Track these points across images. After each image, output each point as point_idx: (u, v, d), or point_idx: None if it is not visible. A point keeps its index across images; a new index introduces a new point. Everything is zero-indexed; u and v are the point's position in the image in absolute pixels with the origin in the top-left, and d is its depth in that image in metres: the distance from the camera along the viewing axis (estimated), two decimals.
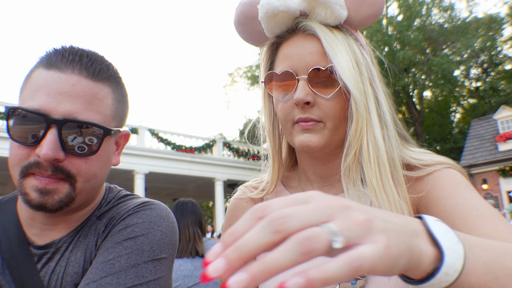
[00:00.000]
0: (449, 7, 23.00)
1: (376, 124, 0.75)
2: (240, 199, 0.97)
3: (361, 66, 0.77)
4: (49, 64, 0.76)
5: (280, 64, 0.81)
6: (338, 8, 0.76)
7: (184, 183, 18.27)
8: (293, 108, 0.78)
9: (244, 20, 0.85)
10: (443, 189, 0.72)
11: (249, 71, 27.16)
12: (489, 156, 15.86)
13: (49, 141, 0.72)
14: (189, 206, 2.79)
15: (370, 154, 0.73)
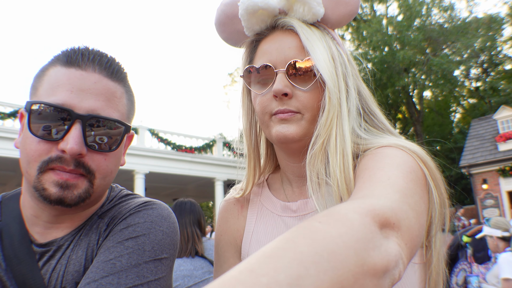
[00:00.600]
0: (449, 7, 23.01)
1: (345, 118, 0.77)
2: (227, 201, 0.99)
3: (336, 61, 0.79)
4: (68, 62, 0.78)
5: (259, 59, 0.83)
6: (316, 4, 0.79)
7: (184, 183, 18.27)
8: (271, 101, 0.79)
9: (225, 20, 0.87)
10: (358, 168, 0.71)
11: None
12: (489, 156, 15.86)
13: (75, 136, 0.73)
14: (188, 205, 2.80)
15: (337, 145, 0.74)
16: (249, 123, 0.91)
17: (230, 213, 0.97)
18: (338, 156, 0.74)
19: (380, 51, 22.08)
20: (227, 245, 0.94)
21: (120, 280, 0.72)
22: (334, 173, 0.73)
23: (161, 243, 0.81)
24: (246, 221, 0.93)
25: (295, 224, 0.84)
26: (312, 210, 0.83)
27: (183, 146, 16.01)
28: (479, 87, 25.70)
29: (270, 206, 0.91)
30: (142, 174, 14.65)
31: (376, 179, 0.61)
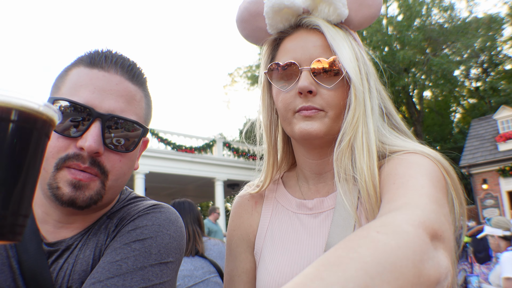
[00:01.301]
0: (449, 7, 23.01)
1: (369, 116, 0.79)
2: (242, 197, 1.00)
3: (359, 61, 0.81)
4: (92, 64, 0.80)
5: (283, 57, 0.84)
6: (341, 5, 0.80)
7: (184, 183, 18.27)
8: (294, 98, 0.80)
9: (247, 17, 0.88)
10: (383, 172, 0.74)
11: (249, 71, 27.17)
12: (489, 156, 15.86)
13: (94, 133, 0.74)
14: (186, 205, 2.83)
15: (363, 142, 0.76)
16: (269, 120, 0.92)
17: (244, 209, 0.97)
18: (364, 153, 0.76)
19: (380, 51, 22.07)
20: (240, 240, 0.95)
21: (125, 282, 0.72)
22: (361, 169, 0.75)
23: (168, 247, 0.81)
24: (261, 217, 0.94)
25: (310, 221, 0.85)
26: (328, 208, 0.84)
27: (183, 146, 16.01)
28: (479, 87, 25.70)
29: (285, 203, 0.92)
30: (142, 174, 14.64)
31: (410, 186, 0.63)
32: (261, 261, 0.87)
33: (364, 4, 0.83)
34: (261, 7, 0.86)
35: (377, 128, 0.80)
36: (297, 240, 0.84)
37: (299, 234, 0.84)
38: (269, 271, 0.82)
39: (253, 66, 26.75)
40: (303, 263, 0.79)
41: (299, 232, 0.85)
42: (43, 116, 0.44)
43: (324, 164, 0.88)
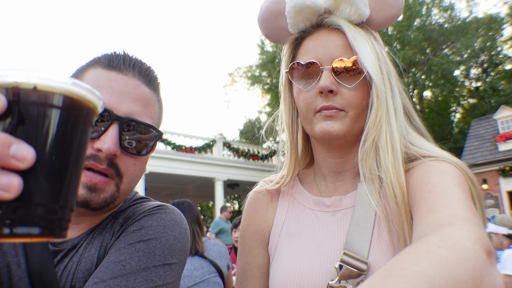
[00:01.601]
0: (449, 7, 23.00)
1: (392, 115, 0.80)
2: (258, 192, 0.99)
3: (381, 61, 0.82)
4: (110, 66, 0.80)
5: (303, 56, 0.85)
6: (363, 5, 0.81)
7: (184, 183, 18.27)
8: (315, 97, 0.81)
9: (269, 16, 0.90)
10: (414, 178, 0.74)
11: (249, 71, 27.14)
12: (489, 156, 15.86)
13: (112, 136, 0.75)
14: (186, 205, 2.85)
15: (388, 142, 0.78)
16: (290, 118, 0.93)
17: (259, 204, 0.97)
18: (389, 152, 0.77)
19: None
20: (254, 235, 0.95)
21: (128, 283, 0.72)
22: (386, 168, 0.76)
23: (172, 248, 0.81)
24: (276, 213, 0.94)
25: (327, 218, 0.85)
26: (347, 206, 0.85)
27: (183, 146, 16.01)
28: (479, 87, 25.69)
29: (302, 200, 0.92)
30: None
31: (448, 197, 0.64)
32: (276, 256, 0.87)
33: (386, 4, 0.83)
34: (283, 7, 0.86)
35: (403, 127, 0.81)
36: (314, 237, 0.84)
37: (316, 231, 0.85)
38: (285, 267, 0.82)
39: (253, 66, 26.73)
40: (321, 260, 0.79)
41: (316, 229, 0.85)
42: (90, 103, 0.41)
43: (343, 163, 0.88)
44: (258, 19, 0.91)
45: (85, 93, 0.40)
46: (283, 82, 0.93)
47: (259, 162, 18.78)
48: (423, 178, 0.71)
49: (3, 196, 0.32)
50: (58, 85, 0.37)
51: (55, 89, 0.37)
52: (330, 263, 0.78)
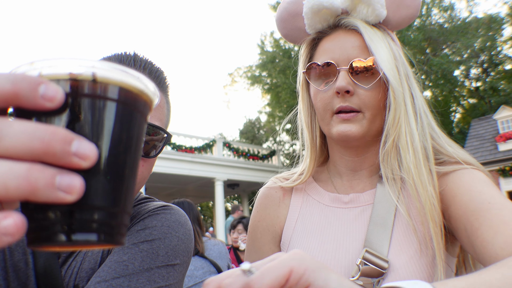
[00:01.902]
0: (449, 7, 23.01)
1: (411, 115, 0.80)
2: (271, 188, 0.99)
3: (398, 62, 0.82)
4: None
5: (321, 57, 0.85)
6: (379, 6, 0.81)
7: (184, 183, 18.27)
8: (332, 98, 0.82)
9: (286, 17, 0.91)
10: (460, 186, 0.75)
11: (249, 71, 27.13)
12: (489, 156, 15.86)
13: None
14: (186, 205, 2.85)
15: (408, 142, 0.78)
16: (309, 117, 0.94)
17: (270, 200, 0.97)
18: (410, 152, 0.78)
19: None
20: (265, 231, 0.95)
21: (130, 283, 0.71)
22: (408, 168, 0.77)
23: (176, 249, 0.81)
24: (289, 209, 0.94)
25: (345, 214, 0.86)
26: (364, 204, 0.86)
27: (183, 146, 16.01)
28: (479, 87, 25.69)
29: (317, 197, 0.93)
30: None
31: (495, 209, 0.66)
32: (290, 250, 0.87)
33: (403, 4, 0.83)
34: (300, 8, 0.88)
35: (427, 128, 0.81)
36: (331, 233, 0.85)
37: (333, 227, 0.85)
38: None
39: (253, 66, 26.73)
40: (339, 256, 0.80)
41: (334, 225, 0.86)
42: (147, 98, 0.37)
43: (360, 162, 0.89)
44: (276, 19, 0.93)
45: (143, 87, 0.36)
46: (300, 82, 0.94)
47: (259, 162, 18.77)
48: (472, 188, 0.72)
49: (64, 199, 0.28)
50: (117, 76, 0.33)
51: (114, 81, 0.33)
52: (349, 260, 0.79)
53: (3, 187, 0.26)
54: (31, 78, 0.29)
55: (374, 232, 0.79)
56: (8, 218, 0.26)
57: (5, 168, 0.26)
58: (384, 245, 0.76)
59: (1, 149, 0.27)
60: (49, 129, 0.28)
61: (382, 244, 0.77)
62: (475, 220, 0.67)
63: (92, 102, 0.32)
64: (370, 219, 0.81)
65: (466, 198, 0.71)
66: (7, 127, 0.27)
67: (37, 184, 0.27)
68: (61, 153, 0.28)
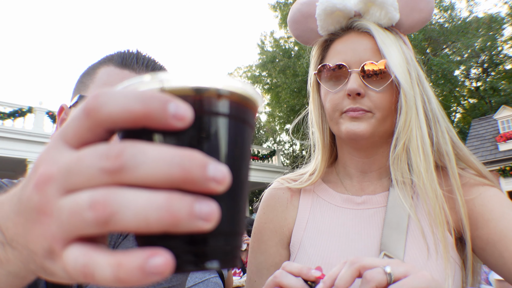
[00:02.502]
0: (449, 7, 23.02)
1: (422, 119, 0.81)
2: (278, 189, 0.98)
3: (410, 66, 0.82)
4: (123, 64, 0.79)
5: (332, 58, 0.86)
6: (393, 9, 0.82)
7: None
8: (343, 99, 0.82)
9: (299, 18, 0.91)
10: (493, 210, 0.77)
11: (249, 71, 27.15)
12: (490, 156, 15.86)
13: None
14: None
15: (419, 145, 0.79)
16: (320, 118, 0.94)
17: (278, 201, 0.96)
18: (421, 156, 0.78)
19: None
20: (272, 233, 0.94)
21: None
22: (418, 172, 0.78)
23: None
24: (298, 210, 0.93)
25: (358, 216, 0.87)
26: (378, 206, 0.86)
27: None
28: (479, 87, 25.69)
29: (327, 197, 0.92)
30: None
31: None
32: (301, 253, 0.87)
33: (416, 8, 0.83)
34: (313, 9, 0.88)
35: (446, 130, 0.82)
36: (345, 234, 0.84)
37: (346, 227, 0.85)
38: (314, 263, 0.81)
39: (253, 66, 26.74)
40: (354, 255, 0.79)
41: (347, 225, 0.85)
42: (257, 109, 0.34)
43: (370, 163, 0.89)
44: (289, 20, 0.93)
45: (259, 99, 0.33)
46: (311, 83, 0.94)
47: (259, 162, 18.77)
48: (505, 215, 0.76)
49: (202, 227, 0.25)
50: (240, 91, 0.31)
51: (236, 96, 0.30)
52: None
53: (144, 221, 0.24)
54: (161, 96, 0.26)
55: (389, 236, 0.79)
56: (157, 257, 0.24)
57: (143, 199, 0.24)
58: (400, 249, 0.77)
59: (137, 178, 0.25)
60: (187, 153, 0.25)
61: (398, 248, 0.77)
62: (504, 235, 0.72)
63: (216, 119, 0.29)
64: (384, 223, 0.81)
65: (502, 226, 0.74)
66: (141, 153, 0.25)
67: (179, 215, 0.24)
68: (200, 179, 0.25)
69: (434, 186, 0.76)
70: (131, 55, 0.81)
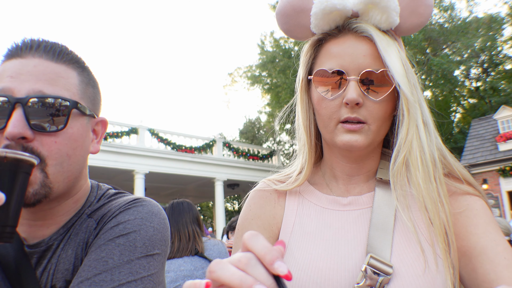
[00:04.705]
0: (449, 7, 23.00)
1: (421, 129, 0.78)
2: (262, 190, 0.96)
3: (408, 73, 0.79)
4: (10, 55, 0.78)
5: (327, 61, 0.81)
6: (394, 14, 0.78)
7: (184, 183, 18.27)
8: (340, 108, 0.79)
9: (290, 12, 0.85)
10: (477, 225, 0.77)
11: (249, 71, 27.12)
12: (490, 156, 15.85)
13: (14, 119, 0.70)
14: (185, 205, 2.82)
15: (418, 157, 0.77)
16: (308, 120, 0.91)
17: (266, 200, 0.94)
18: (419, 168, 0.76)
19: None
20: (261, 229, 0.91)
21: (113, 277, 0.71)
22: (418, 184, 0.76)
23: (152, 239, 0.80)
24: (285, 212, 0.92)
25: (344, 217, 0.85)
26: (364, 206, 0.85)
27: (183, 146, 16.01)
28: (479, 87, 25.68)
29: (313, 199, 0.91)
30: (142, 174, 14.64)
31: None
32: (288, 256, 0.85)
33: (415, 12, 0.81)
34: (306, 4, 0.83)
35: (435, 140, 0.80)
36: (331, 235, 0.83)
37: (332, 229, 0.84)
38: (301, 267, 0.80)
39: (253, 66, 26.71)
40: (341, 261, 0.79)
41: (333, 227, 0.84)
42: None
43: (358, 168, 0.88)
44: (278, 12, 0.86)
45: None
46: (300, 83, 0.90)
47: (259, 162, 18.77)
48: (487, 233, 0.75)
49: None
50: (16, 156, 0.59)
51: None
52: (352, 265, 0.77)
53: None
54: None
55: (375, 237, 0.78)
56: None
57: None
58: (387, 250, 0.76)
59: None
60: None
61: (385, 249, 0.76)
62: (492, 271, 0.71)
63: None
64: (370, 224, 0.80)
65: (483, 243, 0.74)
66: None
67: None
68: None
69: (433, 198, 0.75)
70: (17, 44, 0.79)
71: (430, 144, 0.78)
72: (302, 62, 0.90)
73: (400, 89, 0.77)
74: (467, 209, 0.79)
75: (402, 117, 0.78)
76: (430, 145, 0.78)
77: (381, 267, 0.73)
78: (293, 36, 0.90)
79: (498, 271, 0.70)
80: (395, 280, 0.73)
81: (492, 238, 0.74)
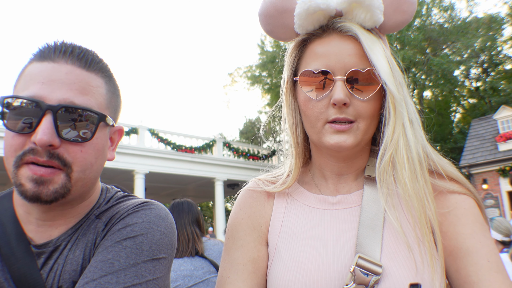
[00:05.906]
0: (449, 7, 23.00)
1: (408, 127, 0.78)
2: (252, 189, 0.96)
3: (393, 71, 0.79)
4: (42, 57, 0.78)
5: (312, 61, 0.81)
6: (378, 12, 0.78)
7: (184, 183, 18.27)
8: (327, 108, 0.79)
9: (273, 13, 0.84)
10: (465, 225, 0.76)
11: (249, 71, 27.13)
12: (489, 156, 15.85)
13: (44, 127, 0.72)
14: (185, 205, 2.80)
15: (404, 156, 0.76)
16: (294, 121, 0.91)
17: (255, 200, 0.94)
18: (406, 167, 0.76)
19: None
20: (250, 229, 0.90)
21: (118, 279, 0.72)
22: (404, 183, 0.76)
23: (159, 243, 0.81)
24: (273, 211, 0.92)
25: (333, 216, 0.85)
26: (353, 205, 0.84)
27: (183, 146, 16.01)
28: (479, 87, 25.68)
29: (302, 199, 0.91)
30: (142, 174, 14.64)
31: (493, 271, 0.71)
32: (276, 258, 0.85)
33: (399, 9, 0.81)
34: (289, 4, 0.82)
35: (420, 138, 0.80)
36: (319, 235, 0.82)
37: (321, 228, 0.83)
38: (289, 268, 0.80)
39: (253, 66, 26.72)
40: (330, 261, 0.78)
41: (321, 226, 0.84)
42: None
43: (347, 167, 0.88)
44: (260, 13, 0.85)
45: None
46: (285, 83, 0.90)
47: (259, 162, 18.76)
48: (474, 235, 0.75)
49: None
50: None
51: None
52: (341, 265, 0.77)
53: None
54: None
55: (364, 235, 0.77)
56: None
57: None
58: (376, 248, 0.75)
59: None
60: None
61: (374, 248, 0.75)
62: (474, 274, 0.71)
63: None
64: (359, 222, 0.79)
65: (468, 244, 0.74)
66: None
67: None
68: None
69: (419, 196, 0.74)
70: (49, 46, 0.80)
71: (416, 142, 0.78)
72: (287, 63, 0.89)
73: (386, 87, 0.76)
74: (455, 208, 0.78)
75: (389, 116, 0.78)
76: (416, 144, 0.78)
77: (370, 267, 0.73)
78: (277, 37, 0.89)
79: (480, 274, 0.70)
80: (386, 279, 0.72)
81: (478, 239, 0.74)
